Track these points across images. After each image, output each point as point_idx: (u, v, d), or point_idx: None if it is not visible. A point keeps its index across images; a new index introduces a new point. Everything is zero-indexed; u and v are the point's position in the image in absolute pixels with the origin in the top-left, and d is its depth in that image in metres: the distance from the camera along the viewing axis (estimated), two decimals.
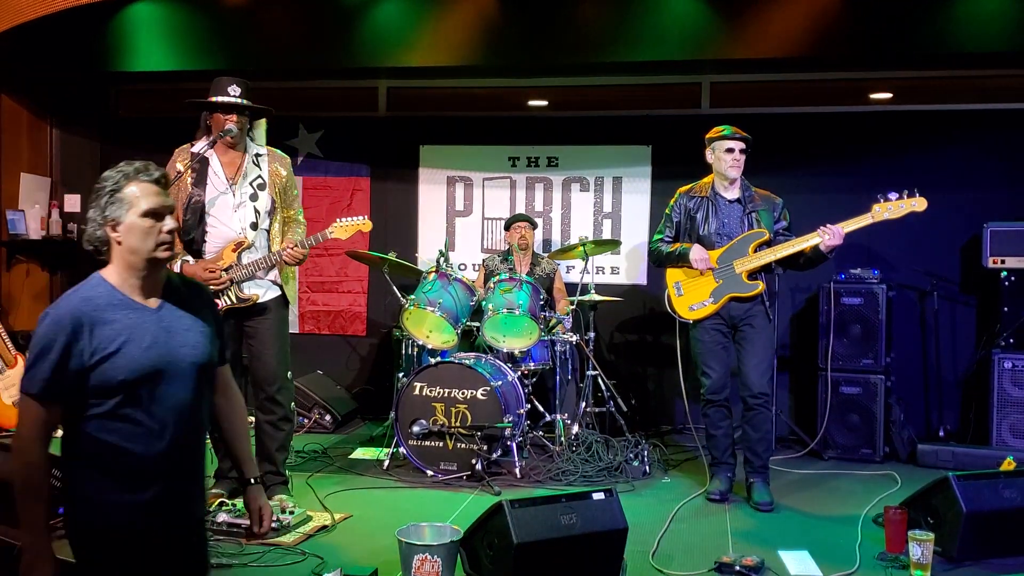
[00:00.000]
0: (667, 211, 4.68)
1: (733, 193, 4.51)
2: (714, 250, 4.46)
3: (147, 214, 2.16)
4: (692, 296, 4.51)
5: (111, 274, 2.20)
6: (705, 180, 4.63)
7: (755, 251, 4.38)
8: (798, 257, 4.37)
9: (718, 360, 4.50)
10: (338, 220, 4.20)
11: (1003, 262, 5.37)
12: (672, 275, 4.60)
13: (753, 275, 4.40)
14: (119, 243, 2.17)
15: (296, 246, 4.06)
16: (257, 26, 5.94)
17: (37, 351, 2.09)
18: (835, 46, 5.29)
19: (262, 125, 4.37)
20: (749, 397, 4.43)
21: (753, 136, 4.57)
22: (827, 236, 4.20)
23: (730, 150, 4.45)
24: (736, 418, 4.62)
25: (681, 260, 4.49)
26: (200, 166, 4.09)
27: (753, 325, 4.41)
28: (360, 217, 4.22)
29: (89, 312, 2.11)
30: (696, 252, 4.45)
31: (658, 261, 4.67)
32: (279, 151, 4.31)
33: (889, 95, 6.12)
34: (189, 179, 4.08)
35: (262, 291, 4.12)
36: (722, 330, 4.49)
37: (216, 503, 3.85)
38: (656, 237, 4.68)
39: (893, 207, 4.21)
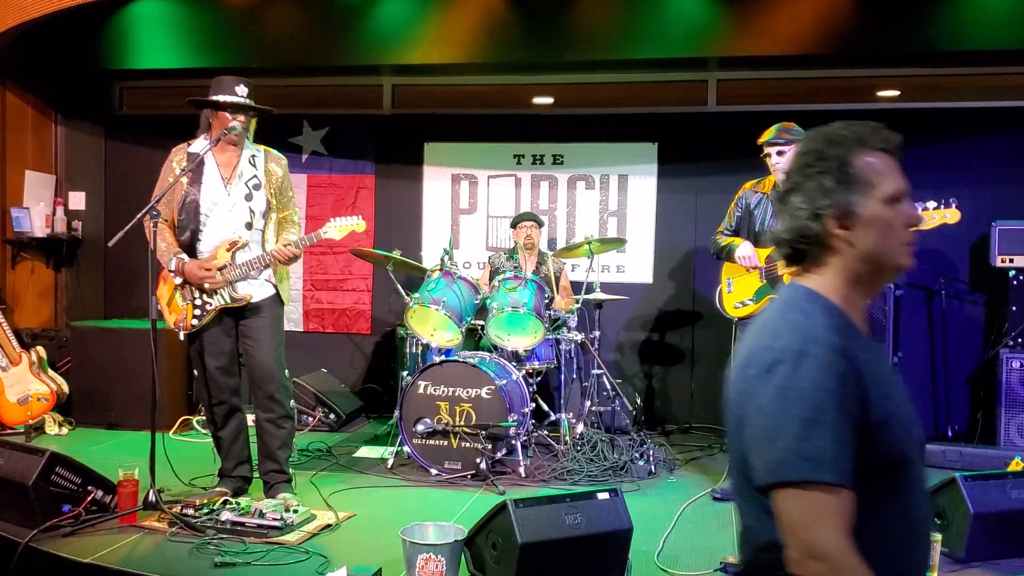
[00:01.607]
0: (732, 205, 4.63)
1: None
2: (766, 248, 4.40)
3: (891, 199, 1.50)
4: (739, 294, 4.49)
5: (830, 290, 1.51)
6: (771, 176, 4.55)
7: None
8: None
9: None
10: (332, 220, 4.15)
11: (1011, 261, 5.33)
12: (726, 270, 4.58)
13: None
14: (849, 244, 1.49)
15: (289, 246, 4.03)
16: (262, 23, 5.94)
17: (808, 412, 1.37)
18: (842, 43, 5.26)
19: (252, 125, 4.34)
20: None
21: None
22: None
23: (769, 155, 4.40)
24: None
25: (730, 256, 4.47)
26: (196, 165, 4.08)
27: None
28: (355, 218, 4.17)
29: (849, 348, 1.42)
30: (742, 249, 4.40)
31: (714, 253, 4.64)
32: (276, 152, 4.28)
33: (896, 92, 6.09)
34: (184, 178, 4.07)
35: (256, 290, 4.11)
36: None
37: (220, 501, 3.84)
38: (718, 230, 4.64)
39: (926, 217, 4.14)
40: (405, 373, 5.31)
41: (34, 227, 6.74)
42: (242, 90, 4.05)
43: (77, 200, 7.11)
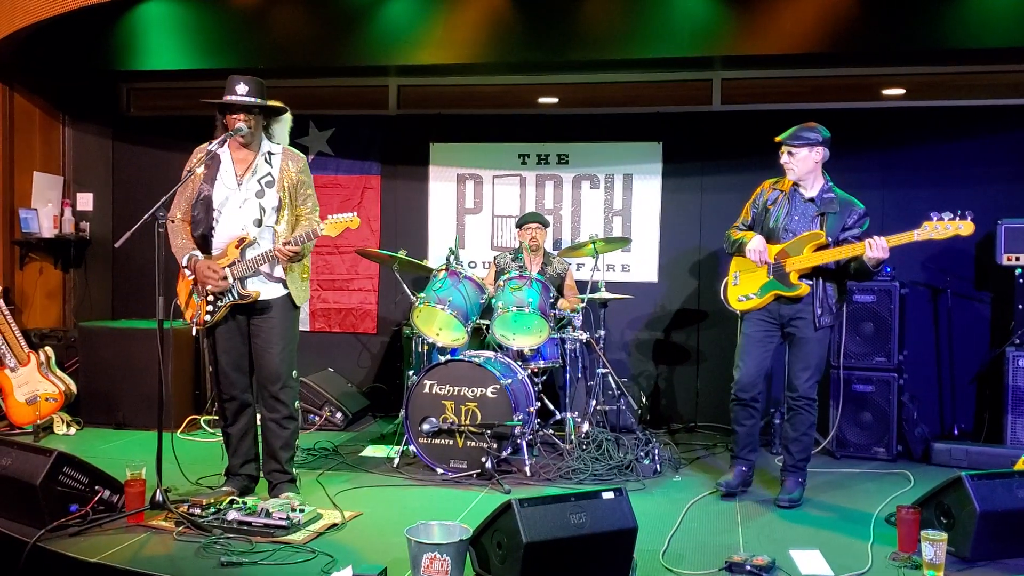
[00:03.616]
0: (749, 201, 4.60)
1: (810, 192, 4.39)
2: (777, 245, 4.39)
3: None
4: (744, 287, 4.48)
5: None
6: None
7: (812, 253, 4.30)
8: (849, 267, 4.31)
9: (753, 357, 4.45)
10: (330, 217, 4.10)
11: (1018, 259, 5.32)
12: (735, 264, 4.58)
13: (806, 278, 4.33)
14: None
15: (289, 244, 4.00)
16: (268, 24, 5.95)
17: None
18: (847, 42, 5.25)
19: (285, 122, 4.33)
20: (790, 398, 4.43)
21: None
22: (870, 249, 4.11)
23: (781, 154, 4.40)
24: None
25: (740, 250, 4.46)
26: (213, 163, 4.11)
27: (800, 328, 4.35)
28: (350, 214, 4.06)
29: None
30: (753, 243, 4.38)
31: (727, 246, 4.62)
32: (295, 149, 4.28)
33: (902, 91, 6.08)
34: (202, 175, 4.10)
35: (264, 288, 4.11)
36: (768, 328, 4.44)
37: (226, 501, 3.85)
38: (734, 225, 4.62)
39: (940, 227, 4.08)
40: (411, 372, 5.32)
41: (42, 228, 6.77)
42: (242, 88, 4.05)
43: (85, 201, 7.15)
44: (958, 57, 5.67)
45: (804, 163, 4.34)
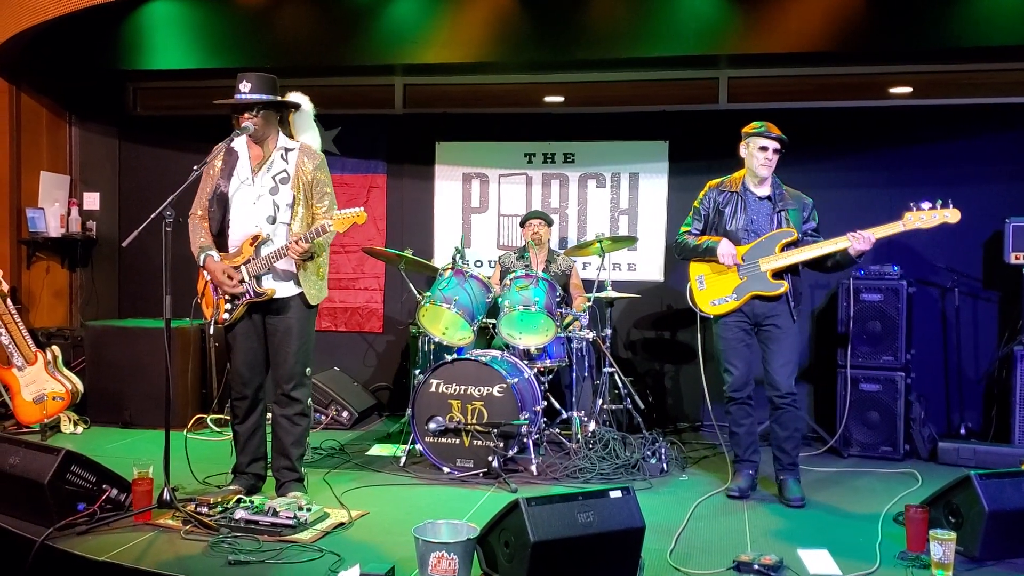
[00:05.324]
0: (696, 204, 4.62)
1: (763, 190, 4.45)
2: (741, 246, 4.41)
3: None
4: (715, 291, 4.48)
5: None
6: (736, 175, 4.54)
7: (782, 250, 4.33)
8: (825, 260, 4.33)
9: (740, 357, 4.46)
10: (337, 212, 4.09)
11: None
12: (696, 268, 4.57)
13: (778, 275, 4.34)
14: None
15: (300, 239, 3.99)
16: (274, 24, 5.96)
17: None
18: (854, 40, 5.24)
19: (306, 115, 4.32)
20: (776, 397, 4.41)
21: None
22: (856, 242, 4.14)
23: (764, 148, 4.38)
24: (762, 416, 4.58)
25: (708, 254, 4.45)
26: (230, 158, 4.11)
27: (778, 325, 4.37)
28: (356, 208, 4.00)
29: None
30: (724, 247, 4.39)
31: (683, 254, 4.62)
32: (313, 147, 4.26)
33: (909, 89, 6.06)
34: (219, 171, 4.10)
35: (279, 286, 4.11)
36: (745, 327, 4.45)
37: (234, 499, 3.86)
38: (683, 230, 4.62)
39: (926, 216, 4.11)
40: (417, 371, 5.33)
41: (49, 227, 6.80)
42: (244, 86, 4.05)
43: (91, 200, 7.17)
44: (965, 55, 5.65)
45: (776, 162, 4.42)
